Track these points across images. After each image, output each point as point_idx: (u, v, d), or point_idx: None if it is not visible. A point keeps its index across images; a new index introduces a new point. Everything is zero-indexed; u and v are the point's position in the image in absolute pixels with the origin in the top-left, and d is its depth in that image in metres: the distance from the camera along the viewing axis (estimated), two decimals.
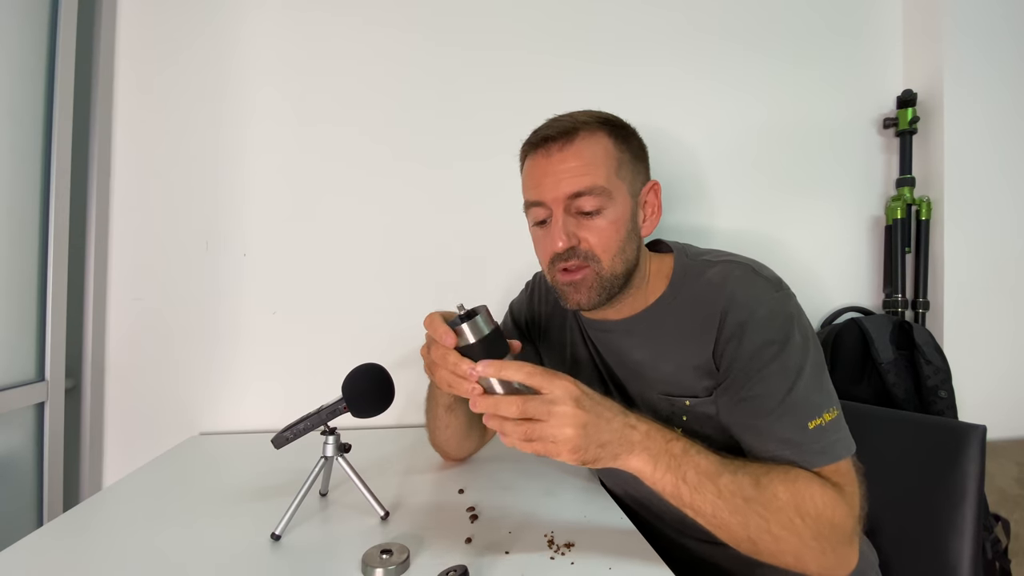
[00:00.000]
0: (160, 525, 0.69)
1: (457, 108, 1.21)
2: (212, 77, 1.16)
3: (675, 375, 0.68)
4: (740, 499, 0.54)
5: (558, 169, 0.64)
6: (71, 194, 1.04)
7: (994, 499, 1.14)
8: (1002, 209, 1.24)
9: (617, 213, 0.65)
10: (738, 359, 0.61)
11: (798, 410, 0.59)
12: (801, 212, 1.29)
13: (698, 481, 0.55)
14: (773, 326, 0.61)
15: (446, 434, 0.84)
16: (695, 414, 0.68)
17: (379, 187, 1.20)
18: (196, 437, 1.13)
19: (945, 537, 0.71)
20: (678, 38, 1.26)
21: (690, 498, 0.55)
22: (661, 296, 0.71)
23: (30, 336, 0.98)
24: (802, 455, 0.58)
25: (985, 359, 1.23)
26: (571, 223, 0.65)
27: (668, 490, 0.56)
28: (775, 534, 0.54)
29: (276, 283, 1.18)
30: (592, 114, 0.67)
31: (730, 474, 0.55)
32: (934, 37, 1.24)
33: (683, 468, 0.55)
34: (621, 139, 0.67)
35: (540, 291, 0.90)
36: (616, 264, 0.65)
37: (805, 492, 0.55)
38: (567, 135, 0.64)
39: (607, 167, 0.64)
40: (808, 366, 0.60)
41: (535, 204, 0.67)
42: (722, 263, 0.68)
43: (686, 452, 0.56)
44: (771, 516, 0.54)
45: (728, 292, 0.64)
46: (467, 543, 0.63)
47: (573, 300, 0.67)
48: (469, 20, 1.22)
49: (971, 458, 0.72)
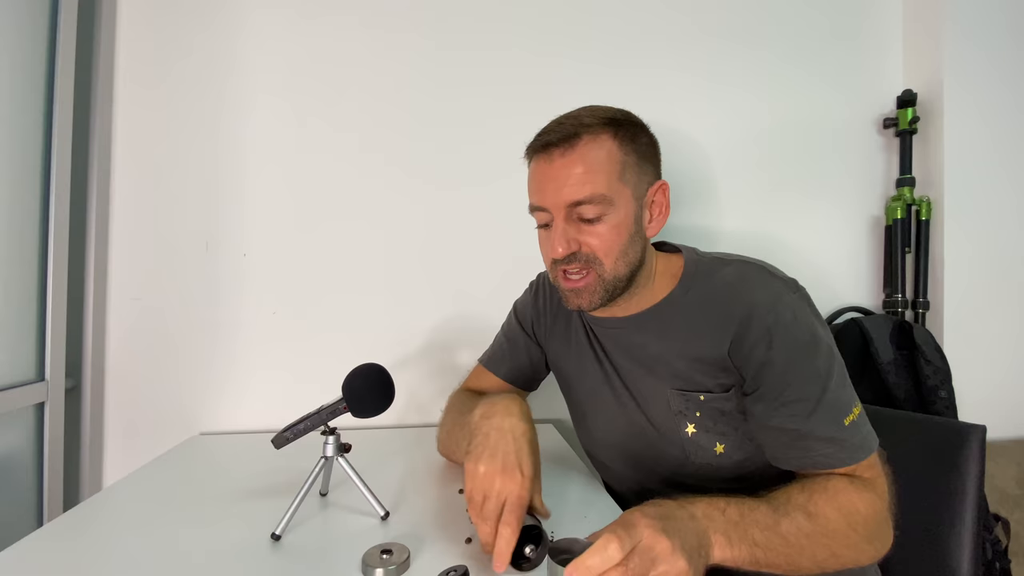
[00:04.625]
0: (160, 525, 0.69)
1: (458, 109, 1.21)
2: (212, 77, 1.16)
3: (687, 370, 0.68)
4: (803, 538, 0.54)
5: (559, 176, 0.64)
6: (71, 194, 1.04)
7: (994, 499, 1.14)
8: (1002, 209, 1.24)
9: (619, 218, 0.64)
10: (771, 365, 0.61)
11: (834, 408, 0.60)
12: (801, 212, 1.29)
13: (765, 539, 0.53)
14: (800, 329, 0.61)
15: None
16: (709, 409, 0.68)
17: (379, 187, 1.20)
18: (196, 437, 1.13)
19: (945, 537, 0.71)
20: (678, 38, 1.26)
21: (765, 558, 0.53)
22: (672, 293, 0.71)
23: (30, 336, 0.98)
24: (843, 452, 0.59)
25: (985, 359, 1.23)
26: (571, 230, 0.65)
27: (746, 561, 0.53)
28: (837, 553, 0.56)
29: (276, 283, 1.18)
30: (597, 114, 0.66)
31: (785, 516, 0.55)
32: (934, 37, 1.24)
33: (749, 532, 0.53)
34: (627, 139, 0.65)
35: (544, 291, 0.89)
36: (619, 267, 0.65)
37: (848, 504, 0.57)
38: (569, 140, 0.63)
39: (609, 173, 0.63)
40: (835, 364, 0.62)
41: (538, 209, 0.67)
42: (737, 262, 0.69)
43: (742, 514, 0.54)
44: (832, 542, 0.55)
45: (746, 292, 0.64)
46: (467, 543, 0.63)
47: (574, 303, 0.68)
48: (470, 21, 1.22)
49: (971, 458, 0.72)
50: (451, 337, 1.21)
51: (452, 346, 1.20)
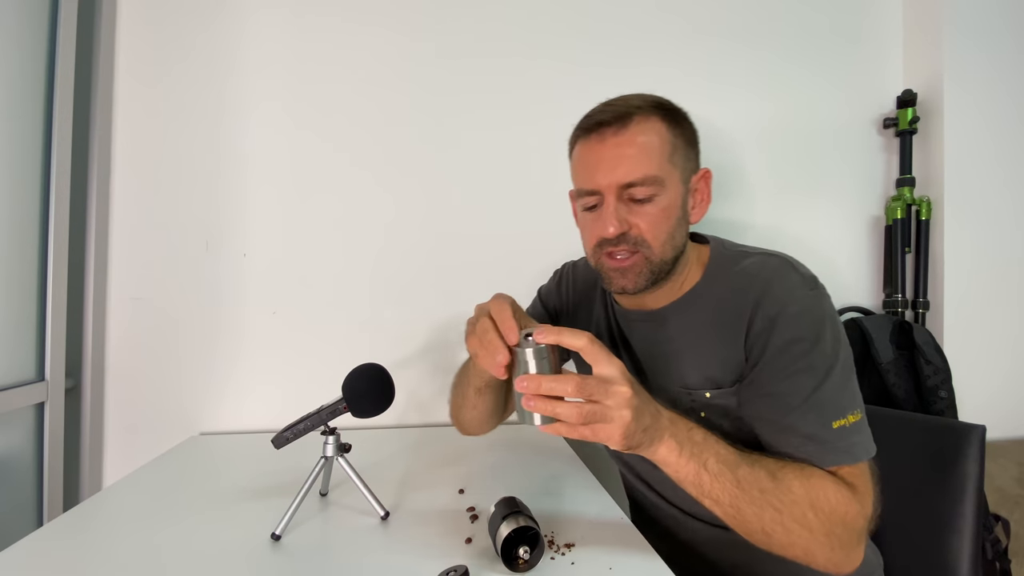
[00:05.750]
0: (160, 525, 0.69)
1: (458, 110, 1.21)
2: (212, 77, 1.16)
3: (702, 366, 0.68)
4: (757, 490, 0.55)
5: (612, 155, 0.63)
6: (71, 194, 1.04)
7: (994, 499, 1.13)
8: (1002, 209, 1.24)
9: (669, 200, 0.64)
10: (765, 353, 0.61)
11: (823, 408, 0.59)
12: (801, 212, 1.29)
13: (719, 469, 0.55)
14: (803, 324, 0.60)
15: (471, 414, 0.82)
16: (714, 407, 0.67)
17: (379, 188, 1.20)
18: (196, 437, 1.13)
19: (945, 537, 0.71)
20: (678, 38, 1.26)
21: (710, 486, 0.55)
22: (696, 285, 0.71)
23: (30, 336, 0.98)
24: (823, 452, 0.58)
25: (985, 359, 1.23)
26: (623, 209, 0.64)
27: (690, 478, 0.55)
28: (787, 527, 0.55)
29: (276, 283, 1.18)
30: (646, 98, 0.66)
31: (748, 465, 0.56)
32: (934, 37, 1.24)
33: (704, 456, 0.55)
34: (675, 124, 0.66)
35: (568, 281, 0.89)
36: (666, 250, 0.65)
37: (819, 488, 0.56)
38: (621, 120, 0.63)
39: (661, 153, 0.63)
40: (837, 367, 0.60)
41: (587, 193, 0.66)
42: (759, 254, 0.69)
43: (706, 440, 0.56)
44: (785, 509, 0.54)
45: (762, 284, 0.63)
46: (467, 543, 0.63)
47: (618, 284, 0.66)
48: (471, 22, 1.22)
49: (971, 458, 0.72)
50: (451, 337, 1.21)
51: (452, 346, 1.20)
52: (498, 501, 0.63)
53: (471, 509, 0.72)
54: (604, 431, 0.50)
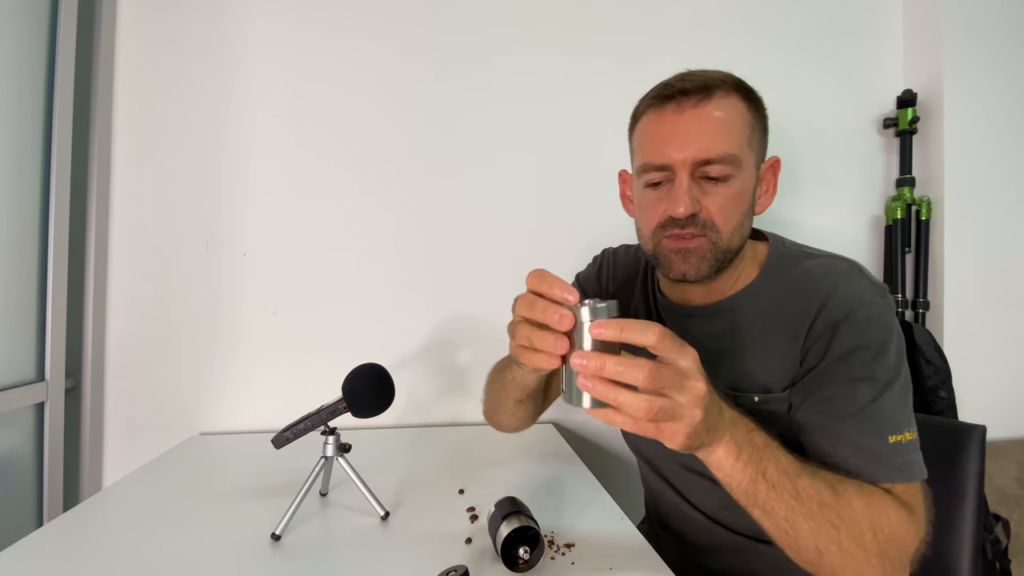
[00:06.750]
0: (160, 525, 0.69)
1: (459, 111, 1.21)
2: (212, 76, 1.16)
3: (753, 368, 0.63)
4: (816, 504, 0.49)
5: (691, 128, 0.58)
6: (71, 194, 1.04)
7: (994, 499, 1.13)
8: (1002, 209, 1.24)
9: (743, 183, 0.60)
10: (826, 358, 0.57)
11: (880, 421, 0.55)
12: (801, 212, 1.29)
13: (778, 478, 0.49)
14: (870, 332, 0.57)
15: (510, 420, 0.79)
16: (761, 412, 0.61)
17: (379, 188, 1.20)
18: (196, 437, 1.13)
19: (945, 537, 0.71)
20: (677, 38, 1.26)
21: (765, 496, 0.49)
22: (752, 283, 0.66)
23: (30, 336, 0.98)
24: (879, 467, 0.54)
25: (985, 359, 1.23)
26: (695, 188, 0.59)
27: (743, 485, 0.50)
28: (844, 546, 0.50)
29: (276, 283, 1.18)
30: (725, 75, 0.61)
31: (808, 476, 0.51)
32: (934, 37, 1.24)
33: (764, 463, 0.49)
34: (754, 106, 0.62)
35: (608, 267, 0.85)
36: (734, 238, 0.61)
37: (880, 506, 0.52)
38: (704, 92, 0.58)
39: (741, 133, 0.59)
40: (898, 382, 0.57)
41: (656, 167, 0.60)
42: (826, 257, 0.64)
43: (767, 445, 0.51)
44: (844, 526, 0.50)
45: (829, 287, 0.59)
46: (467, 543, 0.63)
47: (679, 269, 0.61)
48: (471, 23, 1.22)
49: (971, 458, 0.72)
50: (451, 337, 1.21)
51: (452, 346, 1.20)
52: (498, 501, 0.63)
53: (471, 509, 0.72)
54: (669, 429, 0.44)
